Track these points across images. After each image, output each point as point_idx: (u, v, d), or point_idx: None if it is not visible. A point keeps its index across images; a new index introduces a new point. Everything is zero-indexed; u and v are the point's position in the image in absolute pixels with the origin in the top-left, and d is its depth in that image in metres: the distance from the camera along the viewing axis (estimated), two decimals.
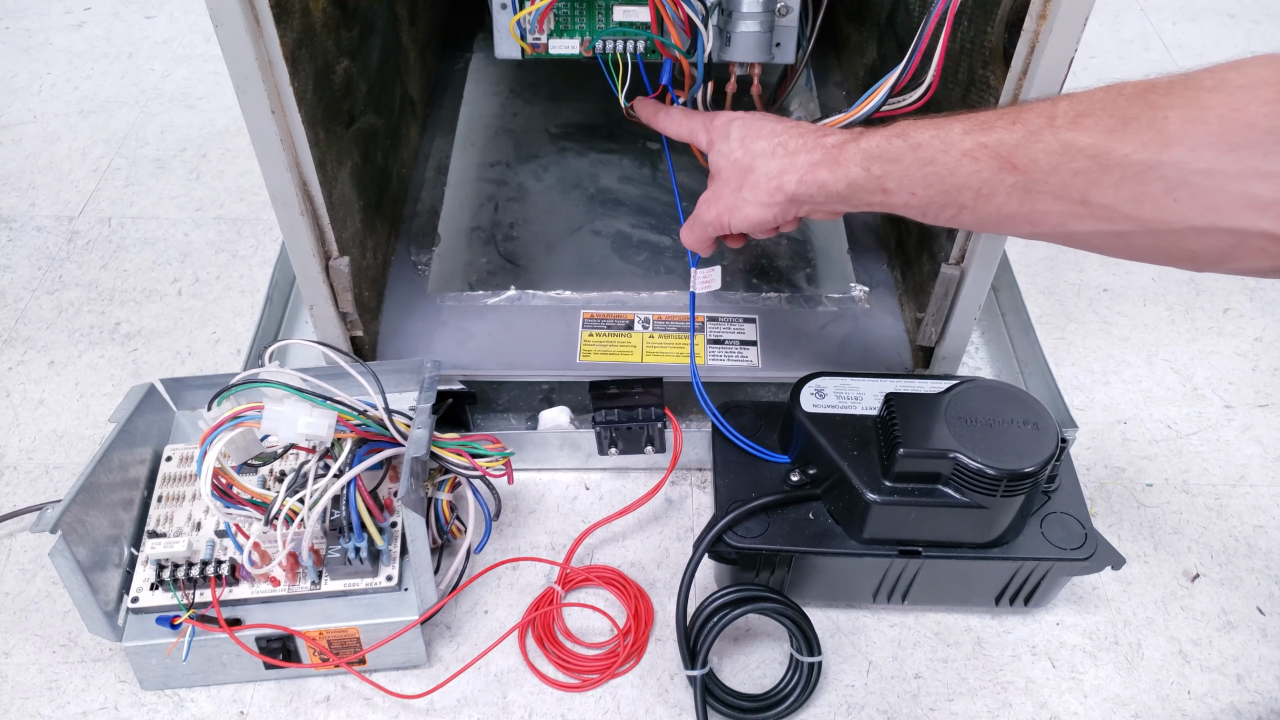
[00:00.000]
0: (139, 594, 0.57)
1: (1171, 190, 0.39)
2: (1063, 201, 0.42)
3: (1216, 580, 0.67)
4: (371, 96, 0.71)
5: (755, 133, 0.55)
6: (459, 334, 0.72)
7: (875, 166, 0.48)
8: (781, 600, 0.58)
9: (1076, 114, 0.41)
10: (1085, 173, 0.41)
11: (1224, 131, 0.37)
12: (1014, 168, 0.43)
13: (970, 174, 0.44)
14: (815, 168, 0.51)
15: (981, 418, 0.55)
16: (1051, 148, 0.42)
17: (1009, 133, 0.43)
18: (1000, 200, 0.44)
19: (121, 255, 0.90)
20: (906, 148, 0.46)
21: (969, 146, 0.44)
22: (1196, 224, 0.39)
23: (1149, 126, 0.39)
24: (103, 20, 1.22)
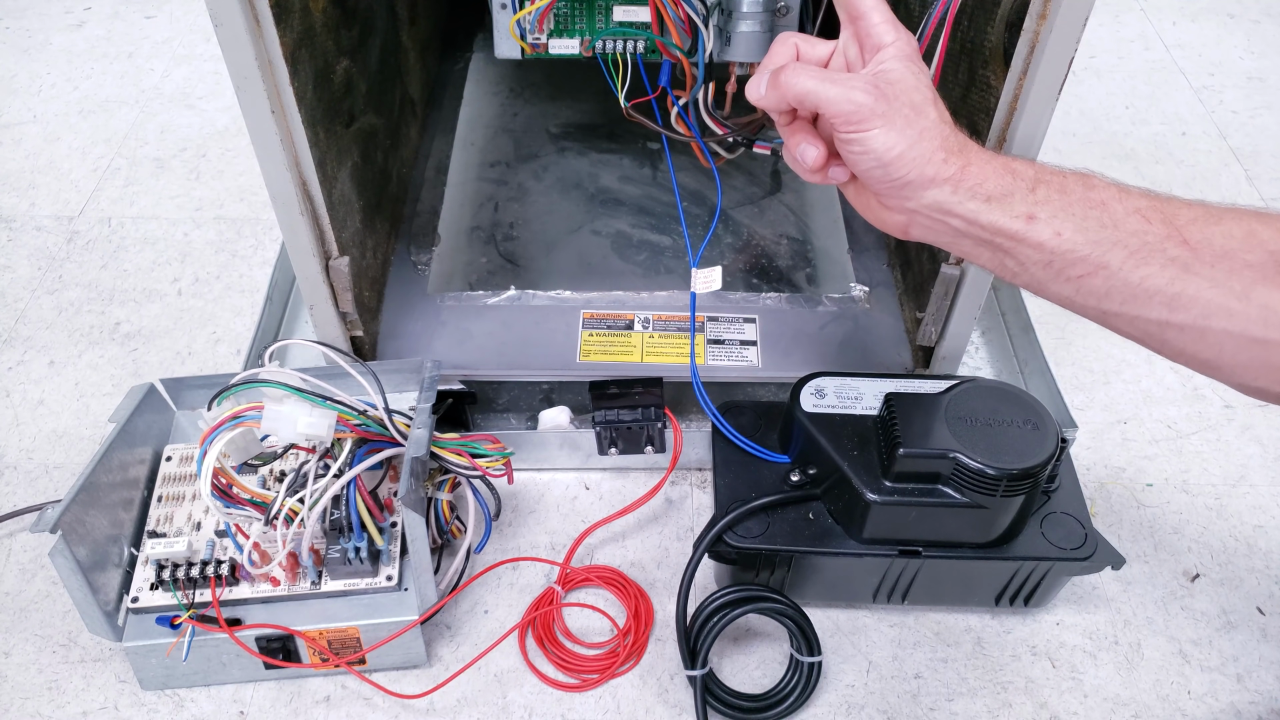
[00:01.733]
0: (139, 594, 0.57)
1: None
2: (1220, 290, 0.39)
3: (1216, 580, 0.67)
4: (371, 96, 0.71)
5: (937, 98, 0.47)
6: (459, 334, 0.72)
7: (1041, 190, 0.43)
8: (781, 600, 0.58)
9: (1264, 212, 0.40)
10: (1259, 266, 0.38)
11: None
12: (1184, 241, 0.40)
13: (1134, 232, 0.41)
14: (981, 163, 0.45)
15: (981, 418, 0.55)
16: (1232, 232, 0.39)
17: (1189, 207, 0.41)
18: (1153, 270, 0.40)
19: (121, 255, 0.90)
20: (1080, 185, 0.43)
21: (1143, 205, 0.41)
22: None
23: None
24: (103, 20, 1.22)
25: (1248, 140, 1.06)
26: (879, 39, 0.47)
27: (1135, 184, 0.44)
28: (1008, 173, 0.44)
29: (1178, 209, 0.42)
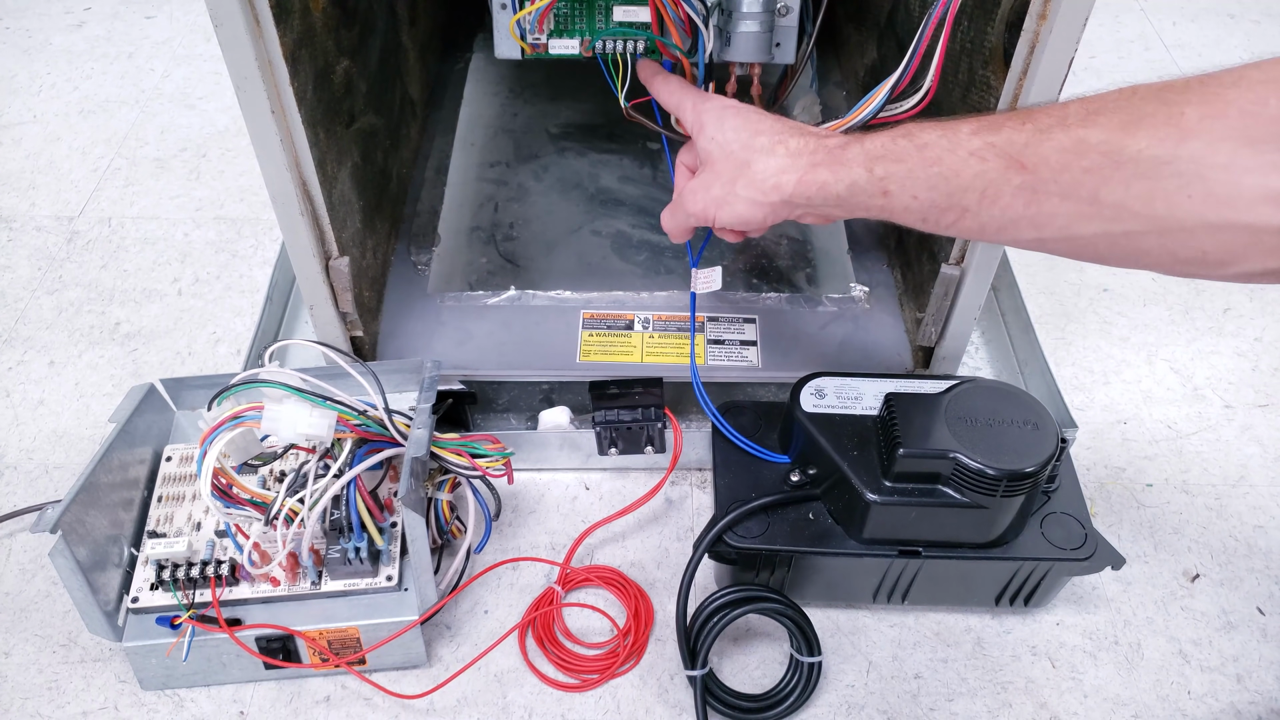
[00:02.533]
0: (139, 594, 0.57)
1: (1186, 186, 0.38)
2: (1071, 201, 0.41)
3: (1216, 580, 0.67)
4: (371, 96, 0.71)
5: (755, 127, 0.52)
6: (459, 334, 0.72)
7: (879, 167, 0.46)
8: (781, 600, 0.58)
9: (1089, 112, 0.40)
10: (1096, 170, 0.39)
11: (1245, 125, 0.36)
12: (1022, 166, 0.41)
13: (976, 174, 0.43)
14: (816, 168, 0.49)
15: (981, 418, 0.55)
16: (1062, 145, 0.40)
17: (1018, 132, 0.42)
18: (1006, 202, 0.43)
19: (121, 255, 0.90)
20: (912, 147, 0.45)
21: (976, 146, 0.43)
22: (1210, 220, 0.38)
23: (1165, 122, 0.38)
24: (103, 20, 1.22)
25: None
26: (680, 116, 0.58)
27: None
28: (843, 165, 0.48)
29: (1010, 135, 0.43)
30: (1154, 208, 0.39)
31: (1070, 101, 0.42)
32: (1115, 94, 0.41)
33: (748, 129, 0.53)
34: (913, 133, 0.46)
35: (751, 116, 0.54)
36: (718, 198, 0.53)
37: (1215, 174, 0.37)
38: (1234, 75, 0.37)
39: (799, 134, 0.52)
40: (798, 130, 0.52)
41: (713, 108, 0.55)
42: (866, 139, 0.48)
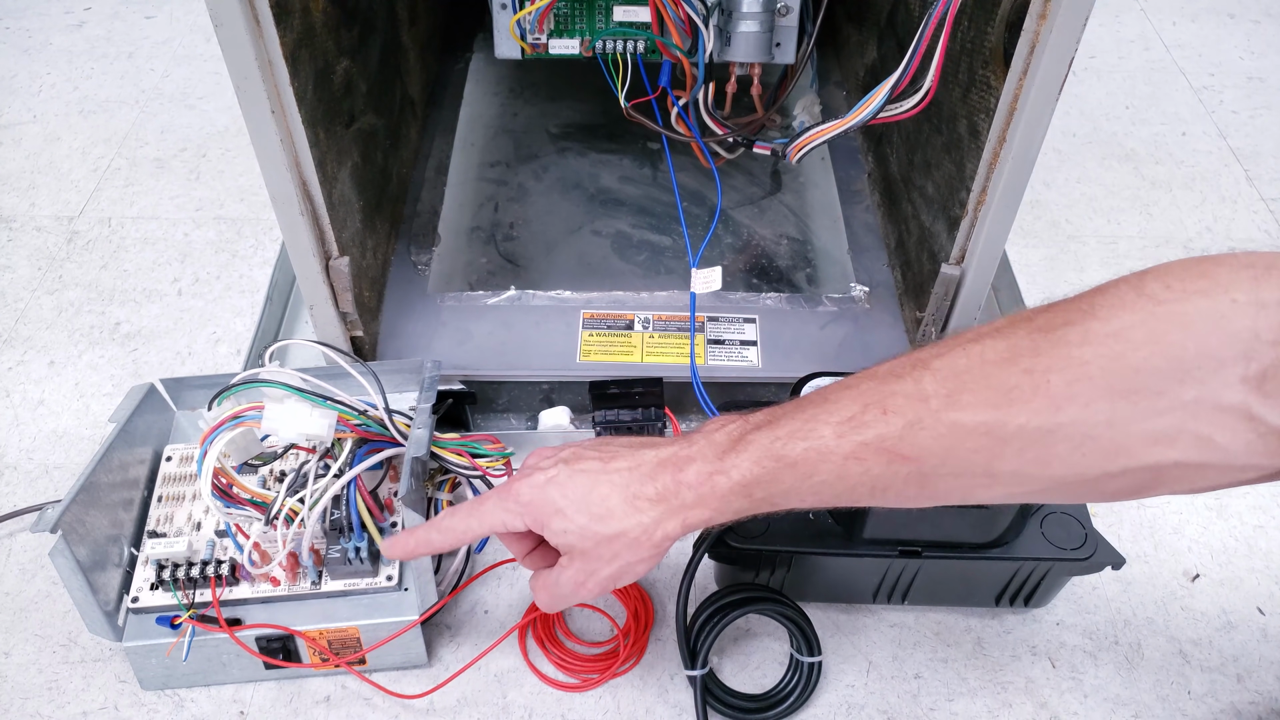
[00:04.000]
0: (139, 594, 0.57)
1: (1078, 447, 0.39)
2: (965, 478, 0.41)
3: (1216, 580, 0.67)
4: (371, 96, 0.71)
5: (590, 491, 0.47)
6: (459, 334, 0.72)
7: (757, 490, 0.44)
8: (781, 600, 0.58)
9: (949, 392, 0.40)
10: (983, 449, 0.40)
11: (1111, 383, 0.38)
12: (905, 459, 0.41)
13: (860, 474, 0.42)
14: (692, 510, 0.46)
15: None
16: (938, 433, 0.40)
17: (885, 425, 0.41)
18: (899, 489, 0.43)
19: (121, 255, 0.90)
20: (782, 468, 0.43)
21: (849, 449, 0.42)
22: (1110, 470, 0.39)
23: (1034, 394, 0.39)
24: (103, 20, 1.22)
25: (1248, 140, 1.06)
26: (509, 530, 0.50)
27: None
28: (720, 498, 0.45)
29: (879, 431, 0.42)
30: (1051, 470, 0.40)
31: (919, 371, 0.42)
32: (963, 360, 0.41)
33: (586, 497, 0.47)
34: (777, 451, 0.44)
35: (574, 479, 0.48)
36: (614, 574, 0.48)
37: (1102, 431, 0.38)
38: (1079, 333, 0.38)
39: (646, 478, 0.47)
40: (640, 472, 0.47)
41: (527, 495, 0.48)
42: (730, 467, 0.45)
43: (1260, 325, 0.36)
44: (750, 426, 0.45)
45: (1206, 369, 0.37)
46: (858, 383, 0.43)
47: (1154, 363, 0.37)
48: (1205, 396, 0.37)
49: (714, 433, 0.46)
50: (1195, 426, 0.37)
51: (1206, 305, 0.37)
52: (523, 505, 0.48)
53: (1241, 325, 0.36)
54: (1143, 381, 0.37)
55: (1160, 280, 0.38)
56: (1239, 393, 0.36)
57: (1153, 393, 0.37)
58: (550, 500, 0.47)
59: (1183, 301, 0.37)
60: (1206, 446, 0.38)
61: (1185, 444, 0.38)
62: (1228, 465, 0.38)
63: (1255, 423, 0.37)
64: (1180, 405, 0.37)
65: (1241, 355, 0.36)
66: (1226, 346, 0.36)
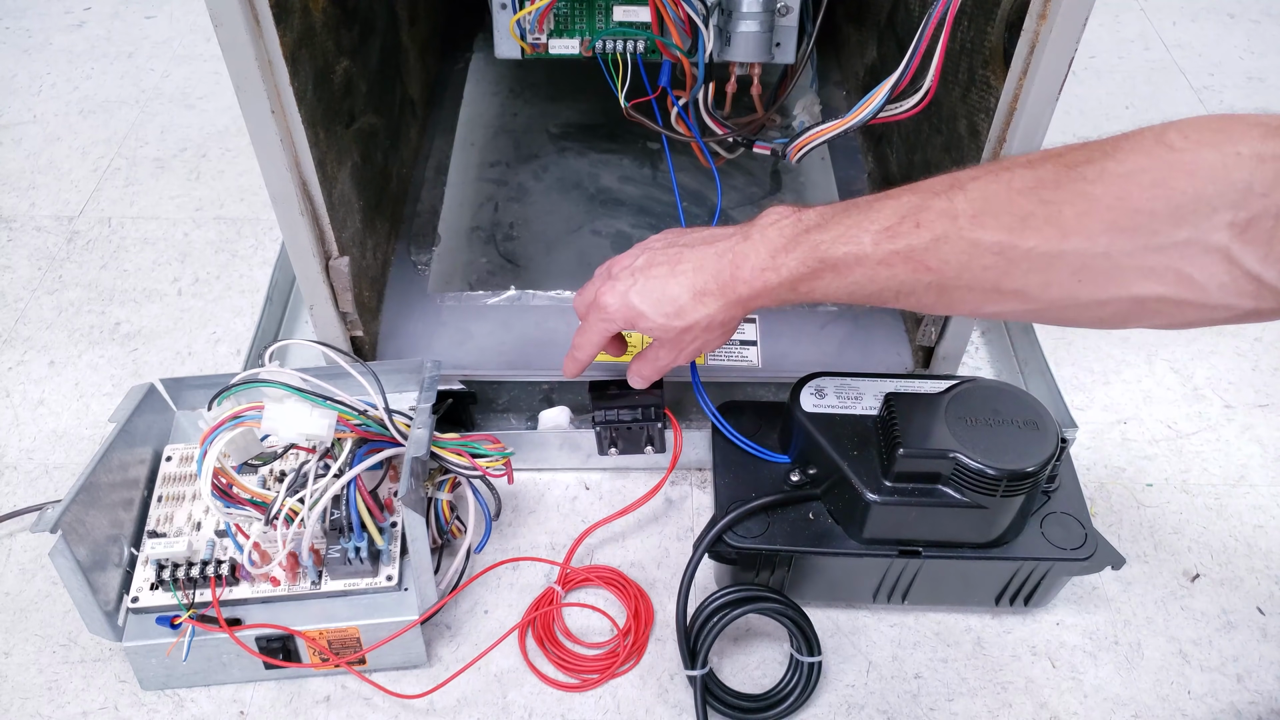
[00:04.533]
0: (139, 594, 0.57)
1: (1076, 273, 0.44)
2: (976, 291, 0.47)
3: (1216, 580, 0.67)
4: (371, 96, 0.71)
5: (663, 293, 0.55)
6: (459, 334, 0.72)
7: (802, 286, 0.51)
8: (781, 600, 0.58)
9: (975, 213, 0.45)
10: (995, 267, 0.45)
11: (1114, 218, 0.42)
12: (928, 269, 0.47)
13: (888, 278, 0.48)
14: (748, 300, 0.53)
15: (981, 418, 0.55)
16: (960, 249, 0.45)
17: (916, 237, 0.46)
18: (919, 295, 0.48)
19: (121, 255, 0.90)
20: (825, 268, 0.49)
21: (883, 255, 0.47)
22: (1100, 297, 0.44)
23: (1046, 222, 0.43)
24: (103, 20, 1.22)
25: None
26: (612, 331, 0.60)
27: None
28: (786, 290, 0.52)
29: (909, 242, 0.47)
30: (1050, 293, 0.45)
31: (953, 189, 0.46)
32: (993, 185, 0.45)
33: (667, 305, 0.55)
34: (823, 254, 0.49)
35: (655, 290, 0.55)
36: (697, 349, 0.58)
37: (1098, 262, 0.43)
38: (1095, 169, 0.43)
39: (709, 275, 0.54)
40: (702, 271, 0.54)
41: (617, 308, 0.57)
42: (780, 264, 0.51)
43: (1256, 177, 0.39)
44: (802, 227, 0.51)
45: (1200, 213, 0.40)
46: (900, 194, 0.48)
47: (1155, 205, 0.41)
48: (1195, 238, 0.41)
49: (768, 228, 0.52)
50: (1181, 264, 0.41)
51: (1213, 156, 0.40)
52: (613, 314, 0.57)
53: (1239, 176, 0.39)
54: (1142, 221, 0.41)
55: (1180, 131, 0.41)
56: (1224, 236, 0.40)
57: (1149, 231, 0.41)
58: (631, 306, 0.56)
59: (1193, 151, 0.40)
60: (1187, 284, 0.42)
61: (1170, 280, 0.42)
62: (1204, 303, 0.42)
63: (1233, 265, 0.40)
64: (1172, 245, 0.41)
65: (1233, 203, 0.40)
66: (1222, 194, 0.40)
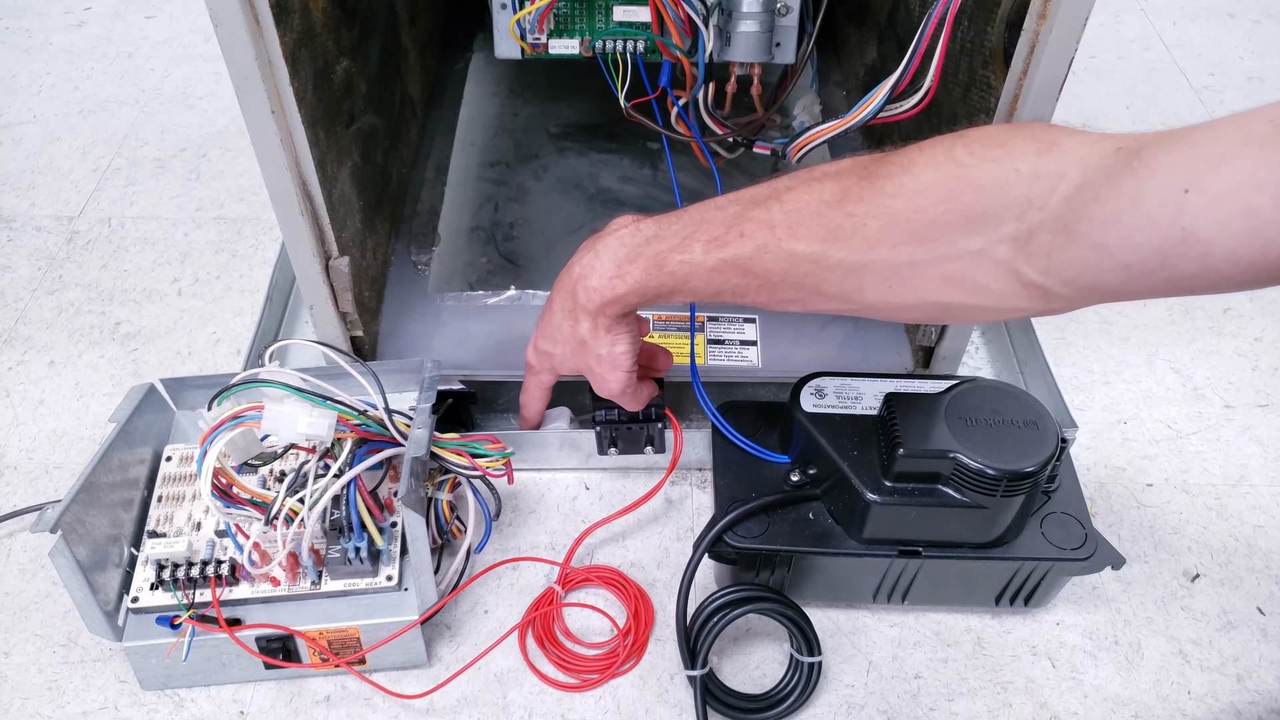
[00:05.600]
0: (139, 594, 0.57)
1: (884, 280, 0.48)
2: (802, 292, 0.50)
3: (1216, 580, 0.67)
4: (371, 96, 0.71)
5: (549, 326, 0.60)
6: (459, 334, 0.72)
7: (649, 292, 0.54)
8: (781, 600, 0.58)
9: (790, 224, 0.49)
10: (813, 274, 0.49)
11: (915, 231, 0.46)
12: (754, 275, 0.50)
13: (722, 282, 0.52)
14: (605, 307, 0.56)
15: (981, 418, 0.55)
16: (779, 258, 0.49)
17: (740, 246, 0.50)
18: (752, 295, 0.52)
19: (121, 255, 0.90)
20: (663, 276, 0.53)
21: (713, 264, 0.51)
22: (909, 302, 0.48)
23: (854, 234, 0.47)
24: (103, 20, 1.22)
25: None
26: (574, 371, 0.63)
27: None
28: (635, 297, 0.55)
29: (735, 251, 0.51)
30: (866, 297, 0.49)
31: (770, 199, 0.50)
32: (805, 196, 0.49)
33: (553, 335, 0.60)
34: (660, 263, 0.53)
35: (546, 328, 0.61)
36: (587, 367, 0.60)
37: (904, 270, 0.47)
38: (894, 185, 0.46)
39: (568, 293, 0.57)
40: (563, 291, 0.58)
41: (533, 363, 0.64)
42: (625, 273, 0.54)
43: (1033, 193, 0.43)
44: (641, 239, 0.54)
45: (989, 225, 0.44)
46: (728, 205, 0.52)
47: (949, 218, 0.45)
48: (985, 249, 0.45)
49: (610, 237, 0.56)
50: (975, 274, 0.46)
51: (996, 172, 0.44)
52: (535, 366, 0.63)
53: (1019, 192, 0.43)
54: (938, 232, 0.45)
55: (966, 146, 0.45)
56: (1008, 250, 0.44)
57: (945, 242, 0.45)
58: (542, 351, 0.62)
59: (979, 167, 0.44)
60: (982, 291, 0.46)
61: (967, 287, 0.46)
62: (999, 307, 0.47)
63: (1018, 274, 0.44)
64: (966, 254, 0.45)
65: (1015, 217, 0.43)
66: (1006, 209, 0.43)
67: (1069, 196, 0.42)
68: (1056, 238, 0.42)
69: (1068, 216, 0.42)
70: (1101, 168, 0.41)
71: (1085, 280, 0.42)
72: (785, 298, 0.51)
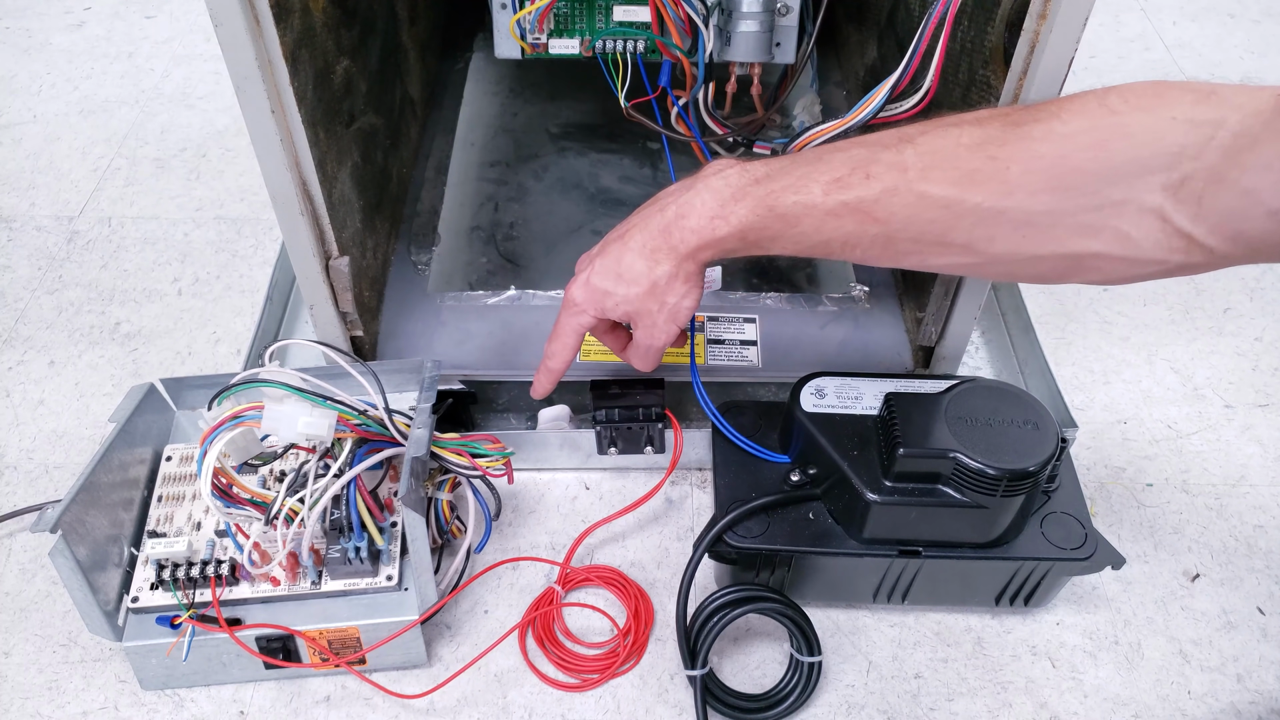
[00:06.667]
0: (139, 594, 0.57)
1: (1019, 229, 0.46)
2: (922, 243, 0.48)
3: (1216, 580, 0.67)
4: (371, 96, 0.71)
5: (619, 264, 0.55)
6: (459, 334, 0.72)
7: (750, 235, 0.51)
8: (781, 600, 0.58)
9: (924, 167, 0.46)
10: (941, 220, 0.46)
11: (1056, 177, 0.44)
12: (875, 220, 0.48)
13: (835, 229, 0.49)
14: (699, 250, 0.53)
15: (981, 418, 0.55)
16: (907, 201, 0.47)
17: (866, 189, 0.47)
18: (865, 246, 0.49)
19: (121, 255, 0.90)
20: (773, 218, 0.50)
21: (832, 206, 0.48)
22: (1040, 253, 0.46)
23: (992, 178, 0.45)
24: (103, 20, 1.22)
25: None
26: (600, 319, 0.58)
27: None
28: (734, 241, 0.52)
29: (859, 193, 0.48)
30: (994, 247, 0.47)
31: (902, 143, 0.47)
32: (941, 139, 0.47)
33: (624, 274, 0.55)
34: (771, 203, 0.50)
35: (611, 264, 0.55)
36: (669, 314, 0.56)
37: (1039, 219, 0.45)
38: (1042, 129, 0.44)
39: (657, 234, 0.53)
40: (648, 233, 0.54)
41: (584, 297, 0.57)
42: (729, 213, 0.51)
43: (1188, 141, 0.42)
44: (750, 178, 0.51)
45: (1135, 174, 0.43)
46: (849, 147, 0.49)
47: (1094, 166, 0.43)
48: (1130, 198, 0.43)
49: (713, 177, 0.52)
50: (1117, 222, 0.44)
51: (1149, 120, 0.43)
52: (581, 303, 0.57)
53: (1172, 140, 0.42)
54: (1082, 180, 0.44)
55: (1121, 96, 0.44)
56: (1158, 196, 0.43)
57: (1088, 191, 0.44)
58: (595, 287, 0.56)
59: (1131, 114, 0.43)
60: (1123, 240, 0.44)
61: (1106, 237, 0.44)
62: (1137, 258, 0.45)
63: (1165, 223, 0.43)
64: (1109, 203, 0.43)
65: (1166, 166, 0.42)
66: (1156, 157, 0.42)
67: (1226, 145, 0.41)
68: (1209, 185, 0.41)
69: (1222, 164, 0.41)
70: (1259, 114, 0.40)
71: (1231, 228, 0.41)
72: (902, 249, 0.49)
